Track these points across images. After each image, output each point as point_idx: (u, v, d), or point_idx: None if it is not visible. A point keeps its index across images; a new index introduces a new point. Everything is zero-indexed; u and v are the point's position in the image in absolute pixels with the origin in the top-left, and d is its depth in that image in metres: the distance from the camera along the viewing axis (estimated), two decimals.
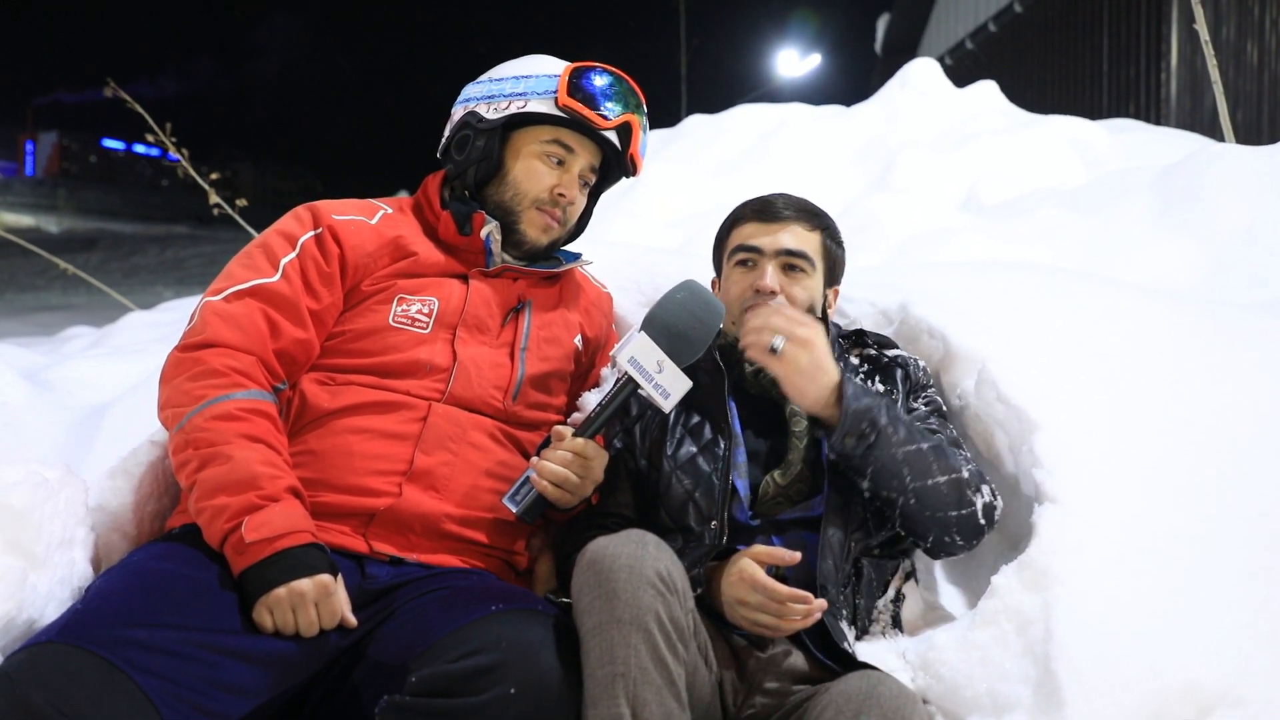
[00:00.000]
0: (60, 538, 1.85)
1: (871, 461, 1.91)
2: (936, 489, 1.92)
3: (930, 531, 1.95)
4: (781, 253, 2.11)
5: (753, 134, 5.97)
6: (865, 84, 16.07)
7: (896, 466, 1.91)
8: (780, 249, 2.11)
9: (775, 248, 2.11)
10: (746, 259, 2.13)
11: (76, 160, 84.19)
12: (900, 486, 1.91)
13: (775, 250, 2.11)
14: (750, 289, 2.11)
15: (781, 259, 2.11)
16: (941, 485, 1.92)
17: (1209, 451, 2.05)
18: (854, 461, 1.92)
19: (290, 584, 1.68)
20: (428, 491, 1.93)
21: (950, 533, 1.94)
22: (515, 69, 2.18)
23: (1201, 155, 3.85)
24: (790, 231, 2.13)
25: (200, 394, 1.84)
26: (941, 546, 1.98)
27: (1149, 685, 1.62)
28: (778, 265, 2.11)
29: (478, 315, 2.09)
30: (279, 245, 2.03)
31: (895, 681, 1.67)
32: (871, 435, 1.89)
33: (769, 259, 2.11)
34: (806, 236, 2.14)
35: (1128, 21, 11.61)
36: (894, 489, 1.91)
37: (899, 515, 1.95)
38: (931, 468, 1.92)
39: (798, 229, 2.14)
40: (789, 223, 2.14)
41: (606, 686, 1.55)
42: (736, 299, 2.12)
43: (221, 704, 1.59)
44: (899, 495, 1.92)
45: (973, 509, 1.93)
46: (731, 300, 2.13)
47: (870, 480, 1.93)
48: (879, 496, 1.94)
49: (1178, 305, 2.53)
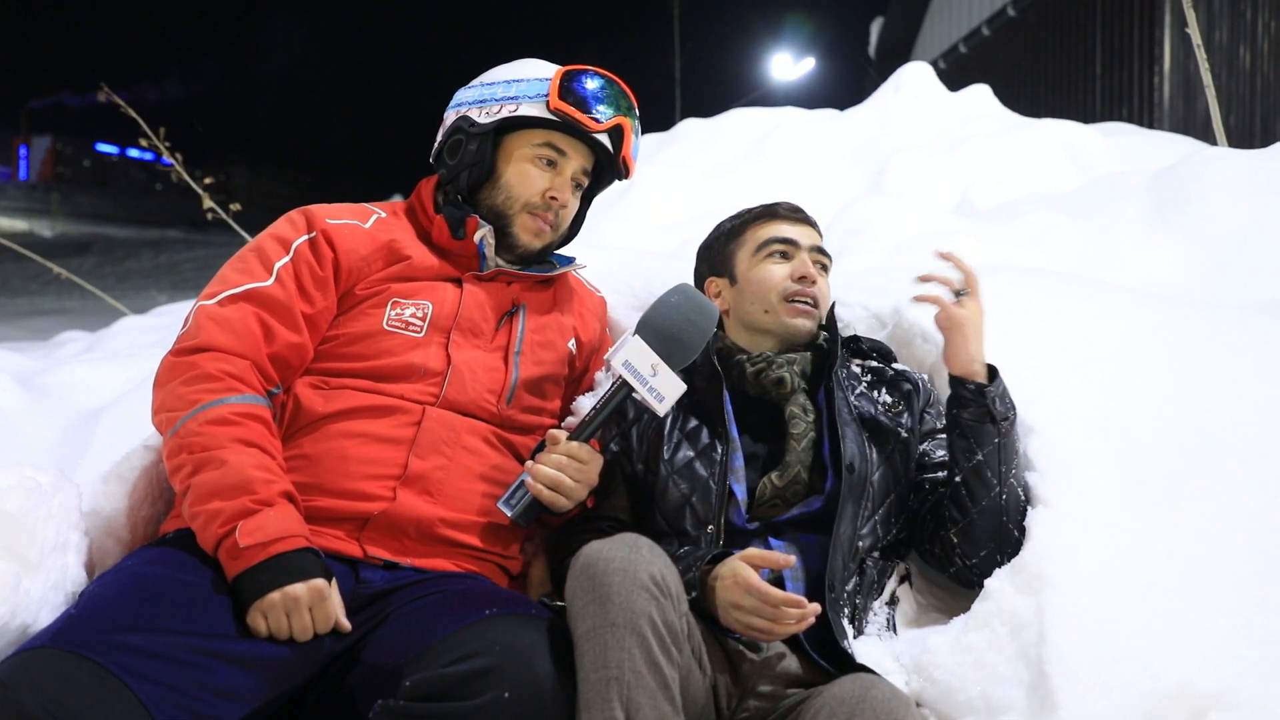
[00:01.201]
0: (54, 542, 1.85)
1: (1002, 433, 1.94)
2: (1019, 498, 1.95)
3: (989, 544, 1.93)
4: (814, 249, 2.20)
5: (747, 138, 5.96)
6: (859, 88, 16.06)
7: (1014, 454, 1.96)
8: (814, 245, 2.20)
9: (810, 243, 2.20)
10: (783, 250, 2.18)
11: (70, 164, 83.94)
12: (1005, 474, 1.93)
13: (810, 245, 2.19)
14: (790, 277, 2.14)
15: (814, 255, 2.19)
16: (1022, 500, 1.95)
17: (1203, 454, 2.06)
18: (986, 427, 1.94)
19: (284, 589, 1.68)
20: (422, 496, 1.93)
21: (1004, 552, 1.92)
22: (507, 73, 2.19)
23: (1194, 159, 3.86)
24: (812, 232, 2.23)
25: (194, 398, 1.84)
26: (981, 569, 1.93)
27: (1142, 688, 1.62)
28: (812, 259, 2.18)
29: (472, 319, 2.09)
30: (273, 249, 2.03)
31: (889, 684, 1.67)
32: (1013, 412, 1.96)
33: (805, 251, 2.18)
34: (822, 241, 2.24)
35: (1120, 25, 11.63)
36: (999, 475, 1.93)
37: (977, 512, 1.94)
38: (1025, 481, 1.97)
39: (814, 233, 2.23)
40: (809, 225, 2.23)
41: (600, 690, 1.55)
42: (775, 286, 2.14)
43: (215, 709, 1.58)
44: (998, 485, 1.93)
45: (1023, 539, 1.91)
46: (768, 289, 2.14)
47: (986, 454, 1.94)
48: (978, 479, 1.93)
49: (1171, 308, 2.53)
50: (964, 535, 1.96)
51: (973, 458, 1.95)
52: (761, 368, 2.10)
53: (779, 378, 2.08)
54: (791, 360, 2.10)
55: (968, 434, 1.96)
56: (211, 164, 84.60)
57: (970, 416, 1.95)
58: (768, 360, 2.10)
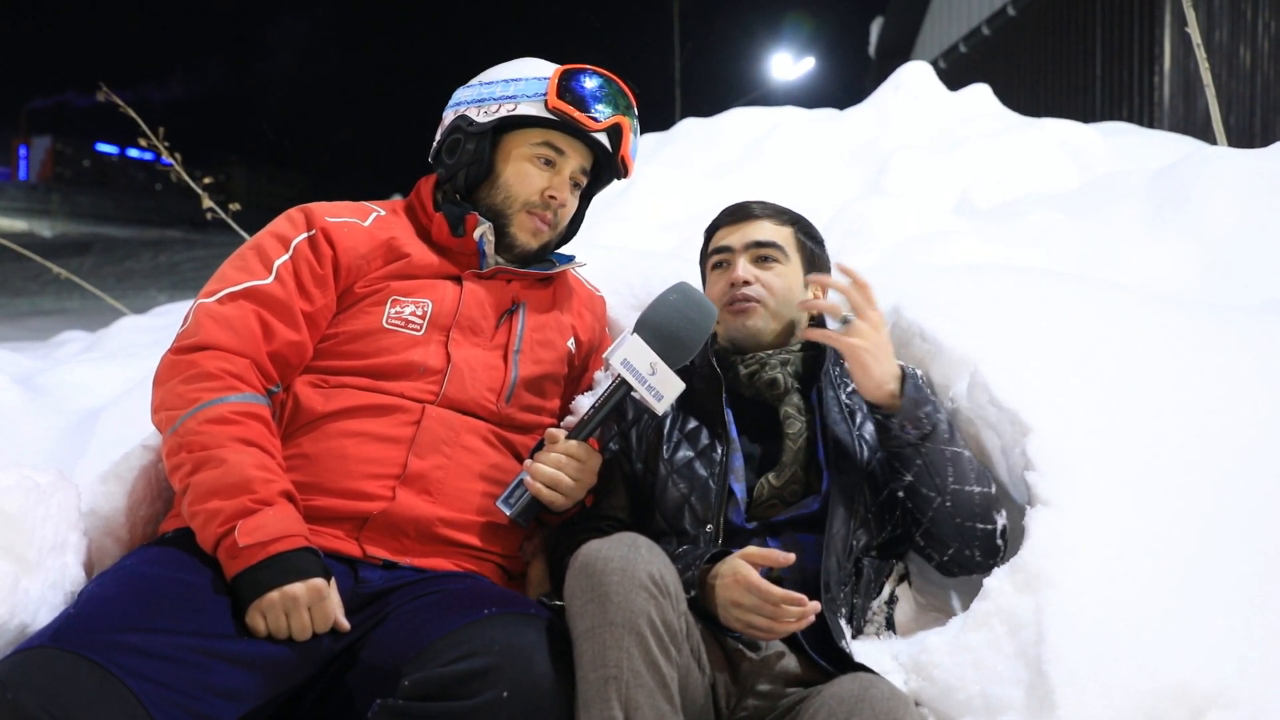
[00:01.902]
0: (53, 542, 1.85)
1: (922, 454, 1.93)
2: (971, 497, 1.94)
3: (953, 543, 1.96)
4: (751, 245, 2.17)
5: (747, 137, 5.96)
6: (859, 87, 16.06)
7: (943, 465, 1.93)
8: (749, 242, 2.17)
9: (744, 241, 2.18)
10: (720, 260, 2.20)
11: (70, 165, 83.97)
12: (941, 486, 1.93)
13: (744, 244, 2.17)
14: (727, 285, 2.14)
15: (752, 251, 2.17)
16: (975, 495, 1.95)
17: (1202, 454, 2.06)
18: (905, 452, 1.94)
19: (283, 588, 1.68)
20: (421, 495, 1.93)
21: (971, 546, 1.95)
22: (505, 72, 2.19)
23: (1194, 158, 3.85)
24: (758, 226, 2.20)
25: (194, 397, 1.83)
26: (957, 561, 1.99)
27: (1141, 687, 1.62)
28: (749, 258, 2.16)
29: (471, 317, 2.09)
30: (272, 247, 2.03)
31: (888, 684, 1.67)
32: (928, 426, 1.93)
33: (740, 254, 2.17)
34: (777, 230, 2.20)
35: (1121, 25, 11.62)
36: (935, 488, 1.93)
37: (929, 519, 1.96)
38: (969, 475, 1.95)
39: (767, 224, 2.20)
40: (758, 219, 2.20)
41: (599, 689, 1.55)
42: (717, 299, 2.16)
43: (214, 708, 1.58)
44: (937, 495, 1.93)
45: (994, 527, 1.95)
46: (715, 300, 2.16)
47: (914, 474, 1.94)
48: (917, 494, 1.95)
49: (1170, 308, 2.53)
50: (927, 537, 2.00)
51: (903, 479, 1.96)
52: (755, 369, 2.10)
53: (772, 379, 2.08)
54: (785, 361, 2.11)
55: (892, 458, 1.98)
56: (211, 164, 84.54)
57: (891, 444, 1.96)
58: (761, 362, 2.10)
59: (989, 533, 1.95)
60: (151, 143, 5.47)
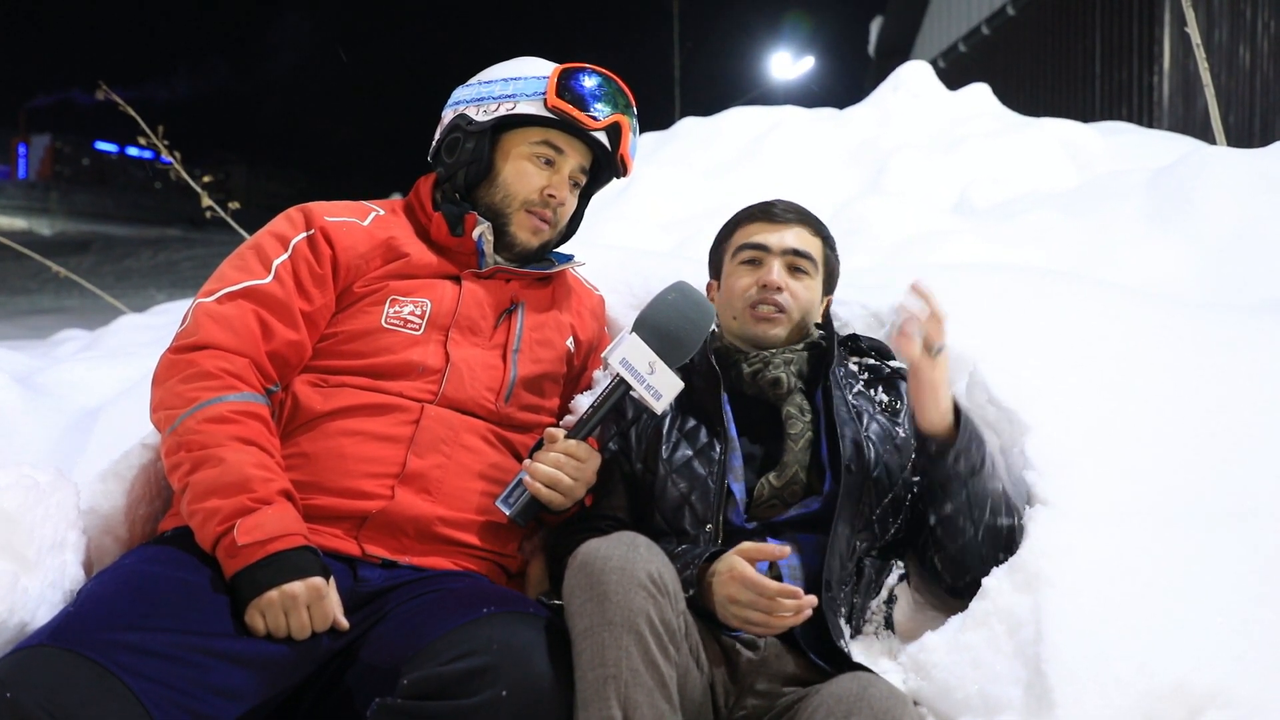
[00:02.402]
0: (52, 541, 1.85)
1: (968, 487, 1.92)
2: (999, 531, 1.94)
3: (975, 571, 1.92)
4: (788, 251, 2.14)
5: (746, 137, 5.96)
6: (858, 87, 16.08)
7: (984, 499, 1.93)
8: (787, 247, 2.15)
9: (782, 246, 2.15)
10: (753, 257, 2.16)
11: (69, 163, 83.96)
12: (979, 519, 1.93)
13: (782, 248, 2.14)
14: (756, 284, 2.13)
15: (788, 258, 2.14)
16: (1003, 528, 1.95)
17: (1200, 453, 2.06)
18: (952, 485, 1.93)
19: (282, 587, 1.68)
20: (420, 494, 1.93)
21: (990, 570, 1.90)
22: (504, 71, 2.19)
23: (1193, 158, 3.85)
24: (795, 232, 2.17)
25: (193, 396, 1.83)
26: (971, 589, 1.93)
27: (1140, 686, 1.62)
28: (784, 264, 2.14)
29: (470, 316, 2.09)
30: (271, 246, 2.03)
31: (886, 683, 1.67)
32: (978, 460, 1.92)
33: (776, 256, 2.14)
34: (810, 240, 2.18)
35: (1120, 24, 11.62)
36: (973, 520, 1.93)
37: (959, 548, 1.95)
38: (1002, 509, 1.95)
39: (802, 232, 2.18)
40: (794, 225, 2.18)
41: (598, 688, 1.55)
42: (741, 294, 2.14)
43: (213, 707, 1.58)
44: (972, 528, 1.93)
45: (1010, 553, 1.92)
46: (735, 296, 2.15)
47: (955, 506, 1.93)
48: (953, 524, 1.94)
49: (1169, 307, 2.53)
50: (949, 562, 1.99)
51: (943, 508, 1.95)
52: (758, 368, 2.09)
53: (775, 378, 2.07)
54: (789, 360, 2.10)
55: (935, 487, 1.96)
56: (210, 162, 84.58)
57: (938, 475, 1.94)
58: (764, 360, 2.10)
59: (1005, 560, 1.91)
60: (151, 141, 5.47)
